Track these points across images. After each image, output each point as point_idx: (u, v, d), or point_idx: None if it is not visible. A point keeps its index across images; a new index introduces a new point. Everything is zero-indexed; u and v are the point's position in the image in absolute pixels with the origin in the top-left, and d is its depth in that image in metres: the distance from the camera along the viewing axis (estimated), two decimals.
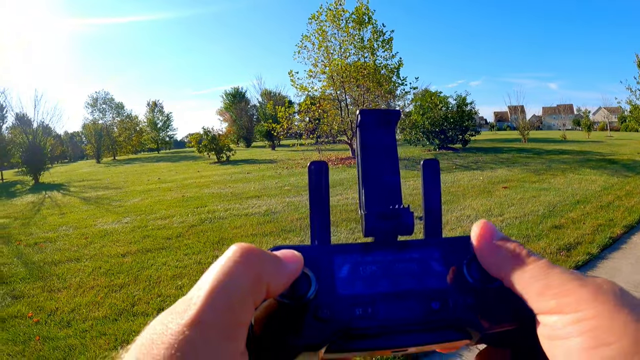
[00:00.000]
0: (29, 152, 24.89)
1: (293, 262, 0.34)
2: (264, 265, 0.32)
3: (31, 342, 3.92)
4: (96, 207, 11.57)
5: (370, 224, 0.41)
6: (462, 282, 0.38)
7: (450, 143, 21.94)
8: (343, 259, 0.40)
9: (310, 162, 0.44)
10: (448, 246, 0.41)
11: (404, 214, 0.42)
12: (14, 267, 6.39)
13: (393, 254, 0.41)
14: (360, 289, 0.38)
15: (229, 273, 0.29)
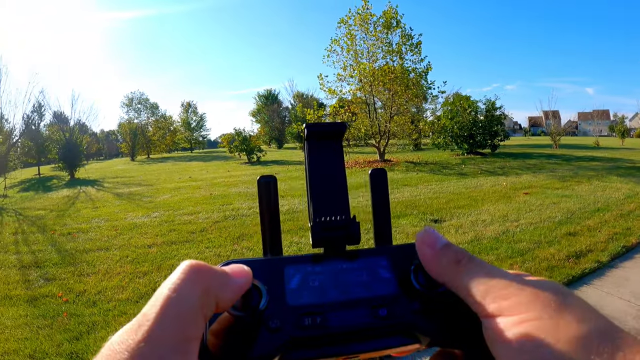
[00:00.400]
0: (66, 148, 25.75)
1: (241, 276, 0.35)
2: (212, 281, 0.33)
3: (59, 318, 4.39)
4: (128, 202, 12.16)
5: (317, 235, 0.42)
6: (409, 288, 0.39)
7: (479, 148, 21.71)
8: (294, 270, 0.41)
9: (260, 177, 0.45)
10: (396, 253, 0.42)
11: (350, 224, 0.43)
12: (48, 254, 6.93)
13: (342, 263, 0.42)
14: (310, 298, 0.39)
15: (178, 289, 0.30)
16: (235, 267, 0.36)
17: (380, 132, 20.99)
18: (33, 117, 24.77)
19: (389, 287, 0.40)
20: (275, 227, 0.45)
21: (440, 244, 0.37)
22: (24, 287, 5.41)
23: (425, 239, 0.37)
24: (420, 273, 0.38)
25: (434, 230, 0.38)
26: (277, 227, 0.45)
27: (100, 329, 4.06)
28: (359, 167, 18.14)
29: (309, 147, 0.46)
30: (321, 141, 0.46)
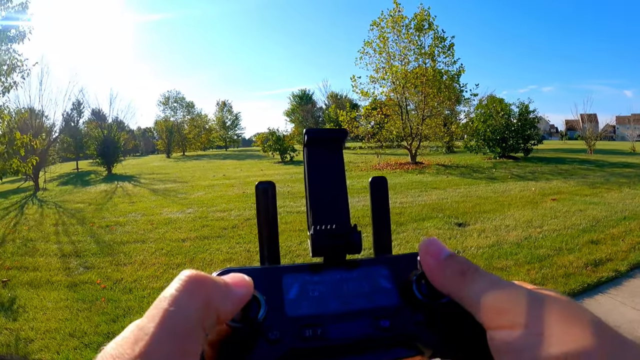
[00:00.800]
0: (104, 145, 26.93)
1: (242, 287, 0.34)
2: (213, 293, 0.32)
3: (97, 302, 4.90)
4: (163, 198, 12.79)
5: (317, 244, 0.41)
6: (411, 299, 0.38)
7: (512, 152, 21.46)
8: (292, 279, 0.40)
9: (258, 182, 0.45)
10: (397, 263, 0.42)
11: (351, 233, 0.42)
12: (87, 244, 7.54)
13: (342, 273, 0.41)
14: (310, 309, 0.38)
15: (177, 303, 0.30)
16: (236, 278, 0.35)
17: (412, 135, 21.07)
18: (72, 114, 25.86)
19: (390, 297, 0.40)
20: (273, 234, 0.45)
21: (444, 254, 0.37)
22: (64, 274, 5.99)
23: (429, 249, 0.37)
24: (422, 283, 0.38)
25: (438, 240, 0.38)
26: (275, 234, 0.45)
27: (135, 313, 4.52)
28: (390, 169, 18.35)
29: (308, 153, 0.46)
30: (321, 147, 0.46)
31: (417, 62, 20.77)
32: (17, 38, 8.33)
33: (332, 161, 0.46)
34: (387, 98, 21.79)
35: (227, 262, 6.11)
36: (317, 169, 0.45)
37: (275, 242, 0.45)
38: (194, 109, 61.74)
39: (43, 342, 3.94)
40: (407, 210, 9.11)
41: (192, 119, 60.27)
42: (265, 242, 0.45)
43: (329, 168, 0.45)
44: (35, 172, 17.93)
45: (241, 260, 6.20)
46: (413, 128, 21.05)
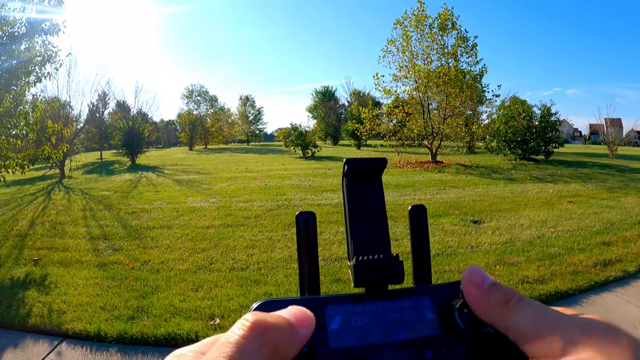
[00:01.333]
0: (128, 136, 27.41)
1: (306, 326, 0.33)
2: (279, 338, 0.31)
3: (126, 280, 5.23)
4: (187, 188, 13.17)
5: (360, 275, 0.41)
6: (454, 329, 0.38)
7: (533, 154, 21.28)
8: (334, 310, 0.40)
9: (298, 213, 0.45)
10: (439, 292, 0.42)
11: (393, 263, 0.42)
12: (115, 229, 7.93)
13: (384, 303, 0.41)
14: (352, 341, 0.38)
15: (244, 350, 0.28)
16: (299, 315, 0.34)
17: (433, 134, 21.11)
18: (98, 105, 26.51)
19: (433, 328, 0.39)
20: (314, 265, 0.45)
21: (487, 283, 0.36)
22: (93, 255, 6.37)
23: (471, 279, 0.37)
24: (465, 312, 0.37)
25: (481, 269, 0.37)
26: (316, 264, 0.45)
27: (162, 291, 4.85)
28: (410, 167, 18.42)
29: (347, 183, 0.45)
30: (361, 177, 0.46)
31: (439, 61, 20.74)
32: (51, 30, 8.70)
33: (371, 190, 0.46)
34: (410, 97, 21.80)
35: (249, 249, 6.38)
36: (356, 199, 0.45)
37: (315, 272, 0.45)
38: (217, 102, 62.43)
39: (75, 314, 4.25)
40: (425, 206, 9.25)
41: (215, 113, 60.95)
42: (306, 272, 0.45)
43: (368, 197, 0.46)
44: (61, 160, 18.58)
45: (263, 247, 6.46)
46: (434, 127, 21.07)
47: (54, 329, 3.99)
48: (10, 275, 5.51)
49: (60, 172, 19.19)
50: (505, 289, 0.35)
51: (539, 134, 20.76)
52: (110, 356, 3.56)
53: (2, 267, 5.89)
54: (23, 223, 8.74)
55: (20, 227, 8.32)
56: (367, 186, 0.46)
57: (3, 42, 7.98)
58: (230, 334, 0.29)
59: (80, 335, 3.87)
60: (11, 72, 8.13)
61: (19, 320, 4.18)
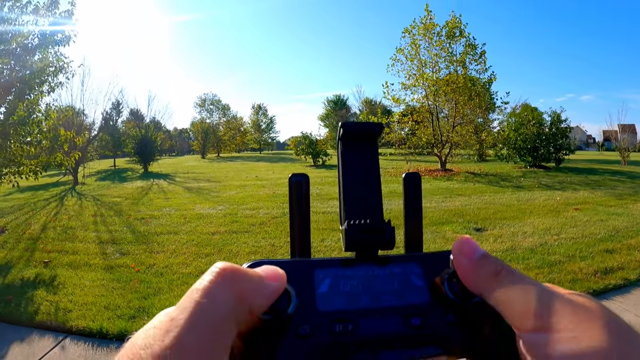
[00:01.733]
0: (141, 144, 27.71)
1: (275, 280, 0.34)
2: (246, 286, 0.31)
3: (131, 282, 5.44)
4: (196, 196, 13.42)
5: (350, 239, 0.41)
6: (442, 298, 0.38)
7: (543, 161, 21.10)
8: (323, 274, 0.40)
9: (291, 175, 0.46)
10: (429, 261, 0.42)
11: (385, 228, 0.42)
12: (123, 234, 8.16)
13: (374, 269, 0.41)
14: (341, 304, 0.38)
15: (211, 295, 0.29)
16: (269, 271, 0.34)
17: (442, 142, 21.12)
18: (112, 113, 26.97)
19: (421, 295, 0.40)
20: (305, 228, 0.45)
21: (478, 254, 0.36)
22: (101, 258, 6.60)
23: (462, 249, 0.37)
24: (454, 282, 0.37)
25: (472, 240, 0.37)
26: (307, 228, 0.45)
27: (164, 293, 5.04)
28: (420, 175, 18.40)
29: (343, 147, 0.45)
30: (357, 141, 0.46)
31: (448, 69, 20.77)
32: (63, 41, 9.04)
33: (366, 156, 0.46)
34: (420, 105, 21.83)
35: (252, 255, 6.54)
36: (351, 163, 0.45)
37: (306, 236, 0.45)
38: (230, 111, 63.02)
39: (80, 312, 4.47)
40: (428, 214, 9.30)
41: (227, 121, 61.48)
42: (297, 235, 0.45)
43: (363, 162, 0.45)
44: (74, 167, 19.01)
45: (265, 253, 6.62)
46: (443, 135, 21.09)
47: (60, 326, 4.20)
48: (21, 276, 5.76)
49: (73, 178, 19.57)
50: (496, 260, 0.36)
51: (549, 141, 20.61)
52: (110, 352, 3.75)
53: (14, 268, 6.14)
54: (35, 227, 9.01)
55: (32, 231, 8.59)
56: (362, 151, 0.46)
57: (17, 54, 8.30)
58: (200, 281, 0.31)
59: (83, 332, 4.08)
60: (25, 82, 8.44)
61: (27, 317, 4.41)
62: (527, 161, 21.29)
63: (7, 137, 8.46)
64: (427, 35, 20.46)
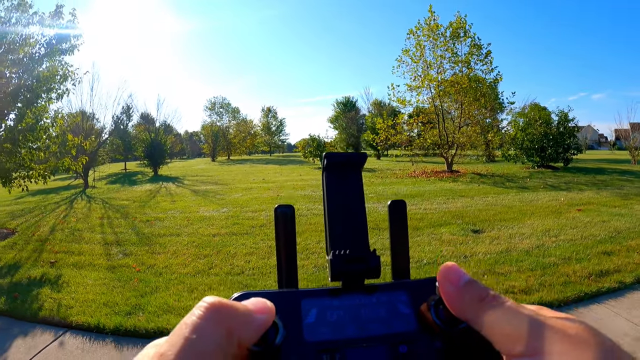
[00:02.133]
0: (151, 147, 28.23)
1: (264, 313, 0.34)
2: (234, 321, 0.32)
3: (131, 282, 5.67)
4: (202, 198, 13.68)
5: (336, 269, 0.42)
6: (429, 325, 0.38)
7: (551, 161, 21.07)
8: (310, 304, 0.40)
9: (277, 206, 0.45)
10: (415, 288, 0.42)
11: (370, 258, 0.43)
12: (128, 235, 8.43)
13: (360, 297, 0.41)
14: (328, 334, 0.39)
15: (200, 331, 0.30)
16: (258, 304, 0.35)
17: (448, 143, 21.13)
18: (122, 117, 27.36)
19: (408, 323, 0.40)
20: (291, 258, 0.45)
21: (463, 280, 0.36)
22: (105, 259, 6.85)
23: (447, 275, 0.37)
24: (440, 309, 0.37)
25: (457, 266, 0.37)
26: (294, 258, 0.45)
27: (161, 292, 5.26)
28: (425, 176, 18.52)
29: (327, 177, 0.46)
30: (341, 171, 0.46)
31: (452, 70, 20.76)
32: (68, 50, 9.35)
33: (351, 185, 0.46)
34: (431, 105, 21.85)
35: (249, 256, 6.68)
36: (335, 193, 0.46)
37: (293, 266, 0.45)
38: (240, 114, 63.48)
39: (80, 309, 4.71)
40: (428, 216, 9.37)
41: (237, 124, 61.92)
42: (284, 265, 0.45)
43: (348, 192, 0.46)
44: (85, 171, 19.46)
45: (262, 254, 6.76)
46: (449, 136, 21.12)
47: (61, 321, 4.43)
48: (28, 275, 6.01)
49: (83, 182, 19.94)
50: (481, 287, 0.36)
51: (557, 141, 20.52)
52: (106, 345, 3.97)
53: (22, 268, 6.40)
54: (44, 229, 9.29)
55: (41, 233, 8.87)
56: (347, 181, 0.47)
57: (24, 63, 8.59)
58: (189, 316, 0.31)
59: (82, 327, 4.31)
60: (32, 91, 8.71)
61: (31, 313, 4.66)
62: (535, 161, 21.25)
63: (17, 142, 8.76)
64: (431, 36, 20.50)
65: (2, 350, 3.95)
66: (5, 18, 8.59)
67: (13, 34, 8.54)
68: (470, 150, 23.29)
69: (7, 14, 8.63)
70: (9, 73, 8.65)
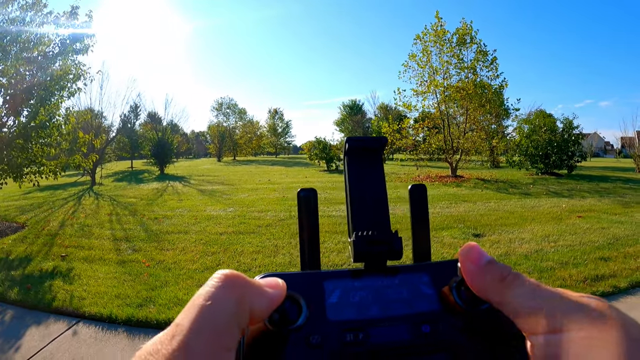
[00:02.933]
0: (158, 146, 28.55)
1: (275, 288, 0.35)
2: (246, 290, 0.33)
3: (141, 276, 5.85)
4: (209, 198, 13.92)
5: (359, 250, 0.42)
6: (451, 305, 0.39)
7: (555, 168, 21.04)
8: (333, 285, 0.41)
9: (300, 189, 0.47)
10: (437, 270, 0.43)
11: (393, 239, 0.42)
12: (137, 232, 8.65)
13: (382, 279, 0.42)
14: (351, 314, 0.39)
15: (213, 298, 0.31)
16: (269, 280, 0.36)
17: (453, 148, 21.21)
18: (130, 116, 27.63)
19: (430, 303, 0.40)
20: (315, 241, 0.46)
21: (484, 260, 0.36)
22: (115, 254, 7.06)
23: (468, 255, 0.36)
24: (462, 290, 0.38)
25: (478, 246, 0.37)
26: (316, 241, 0.46)
27: (170, 286, 5.45)
28: (429, 181, 18.61)
29: (349, 161, 0.47)
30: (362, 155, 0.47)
31: (458, 76, 20.85)
32: (81, 51, 9.60)
33: (372, 169, 0.47)
34: (436, 110, 21.92)
35: (255, 254, 6.87)
36: (357, 177, 0.46)
37: (316, 248, 0.46)
38: (246, 115, 63.81)
39: (93, 300, 4.91)
40: (430, 219, 9.43)
41: (244, 125, 62.17)
42: (307, 248, 0.46)
43: (369, 176, 0.46)
44: (92, 168, 19.70)
45: (268, 252, 6.95)
46: (454, 142, 21.22)
47: (73, 311, 4.62)
48: (40, 268, 6.23)
49: (91, 179, 20.21)
50: (502, 266, 0.35)
51: (561, 148, 20.54)
52: (118, 334, 4.15)
53: (33, 261, 6.62)
54: (54, 224, 9.54)
55: (51, 228, 9.11)
56: (368, 165, 0.47)
57: (39, 61, 8.83)
58: (203, 287, 0.32)
59: (94, 317, 4.49)
60: (45, 88, 8.95)
61: (44, 303, 4.85)
62: (539, 168, 21.24)
63: (29, 139, 8.99)
64: (438, 42, 20.60)
65: (17, 337, 4.13)
66: (20, 17, 8.85)
67: (27, 32, 8.79)
68: (474, 155, 23.34)
69: (22, 13, 8.90)
70: (23, 70, 8.89)
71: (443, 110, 21.50)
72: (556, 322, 0.30)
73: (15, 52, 8.59)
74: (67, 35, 9.41)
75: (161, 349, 0.28)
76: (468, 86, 20.04)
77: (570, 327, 0.29)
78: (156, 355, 0.28)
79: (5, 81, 8.67)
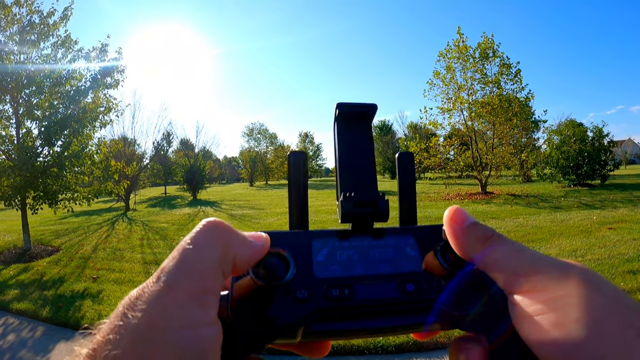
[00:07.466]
0: (190, 172, 29.28)
1: (259, 240, 0.36)
2: (230, 238, 0.34)
3: None
4: (238, 222, 14.21)
5: (346, 211, 0.43)
6: (435, 267, 0.40)
7: (587, 179, 20.42)
8: (321, 244, 0.42)
9: (290, 153, 0.47)
10: (422, 233, 0.43)
11: (379, 201, 0.44)
12: (166, 256, 8.55)
13: (369, 240, 0.43)
14: (337, 272, 0.40)
15: (198, 243, 0.32)
16: (254, 233, 0.37)
17: (481, 164, 20.93)
18: (162, 143, 28.35)
19: (415, 264, 0.41)
20: (303, 201, 0.46)
21: (468, 221, 0.37)
22: (144, 276, 7.23)
23: (453, 217, 0.38)
24: (447, 252, 0.39)
25: (462, 209, 0.38)
26: (305, 202, 0.47)
27: None
28: (459, 199, 18.26)
29: (339, 126, 0.48)
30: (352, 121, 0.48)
31: (483, 91, 20.68)
32: (112, 85, 10.15)
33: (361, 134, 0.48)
34: (464, 127, 21.73)
35: None
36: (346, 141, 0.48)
37: (304, 209, 0.47)
38: (277, 140, 64.76)
39: None
40: None
41: (275, 149, 63.11)
42: (295, 208, 0.47)
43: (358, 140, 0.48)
44: (126, 194, 20.51)
45: None
46: (482, 158, 20.94)
47: None
48: (72, 289, 6.55)
49: (125, 205, 20.89)
50: (485, 227, 0.37)
51: (592, 158, 19.98)
52: None
53: (66, 282, 6.96)
54: (87, 248, 9.97)
55: (84, 251, 9.53)
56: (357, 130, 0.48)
57: (71, 95, 9.37)
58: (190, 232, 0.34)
59: None
60: (78, 121, 9.45)
61: (74, 321, 5.15)
62: (571, 180, 20.70)
63: (63, 167, 9.48)
64: (461, 58, 20.56)
65: (46, 352, 4.39)
66: (52, 54, 9.49)
67: (60, 68, 9.36)
68: (504, 170, 22.94)
69: (54, 51, 9.52)
70: (57, 103, 9.45)
71: (470, 126, 21.34)
72: (537, 281, 0.31)
73: (48, 86, 9.16)
74: (98, 70, 9.96)
75: (146, 291, 0.30)
76: (493, 101, 19.82)
77: (550, 286, 0.30)
78: (142, 297, 0.29)
79: (39, 114, 9.23)
